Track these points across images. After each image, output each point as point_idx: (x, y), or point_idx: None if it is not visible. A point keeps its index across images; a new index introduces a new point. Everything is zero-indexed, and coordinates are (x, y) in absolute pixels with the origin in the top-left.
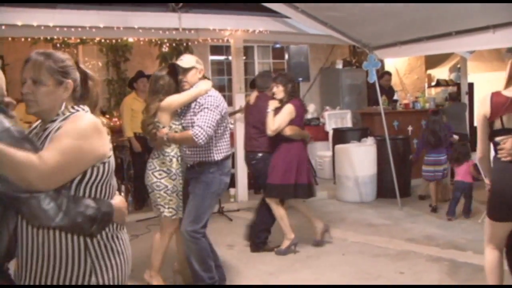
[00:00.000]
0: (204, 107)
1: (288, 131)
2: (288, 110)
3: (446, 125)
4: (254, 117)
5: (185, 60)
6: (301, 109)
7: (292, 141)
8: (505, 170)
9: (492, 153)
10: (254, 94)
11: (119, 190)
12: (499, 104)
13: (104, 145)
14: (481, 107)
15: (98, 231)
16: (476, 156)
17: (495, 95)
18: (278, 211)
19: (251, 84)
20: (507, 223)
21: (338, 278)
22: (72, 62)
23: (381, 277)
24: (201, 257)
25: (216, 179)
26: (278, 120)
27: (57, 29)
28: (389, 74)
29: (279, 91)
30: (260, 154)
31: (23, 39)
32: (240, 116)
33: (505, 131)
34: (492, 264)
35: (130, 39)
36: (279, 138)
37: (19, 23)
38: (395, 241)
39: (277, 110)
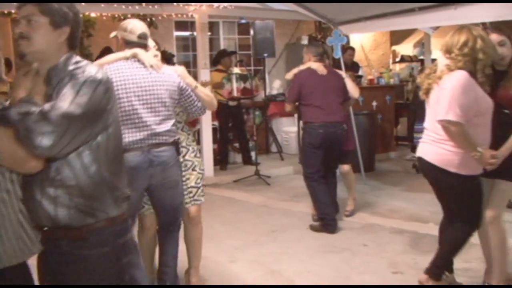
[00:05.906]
0: None
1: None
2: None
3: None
4: (335, 86)
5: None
6: None
7: None
8: None
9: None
10: (318, 64)
11: None
12: None
13: None
14: None
15: None
16: None
17: None
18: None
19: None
20: None
21: (304, 251)
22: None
23: (346, 249)
24: None
25: None
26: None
27: (15, 3)
28: (352, 49)
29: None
30: (344, 125)
31: None
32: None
33: None
34: None
35: (93, 14)
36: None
37: None
38: (359, 214)
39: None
